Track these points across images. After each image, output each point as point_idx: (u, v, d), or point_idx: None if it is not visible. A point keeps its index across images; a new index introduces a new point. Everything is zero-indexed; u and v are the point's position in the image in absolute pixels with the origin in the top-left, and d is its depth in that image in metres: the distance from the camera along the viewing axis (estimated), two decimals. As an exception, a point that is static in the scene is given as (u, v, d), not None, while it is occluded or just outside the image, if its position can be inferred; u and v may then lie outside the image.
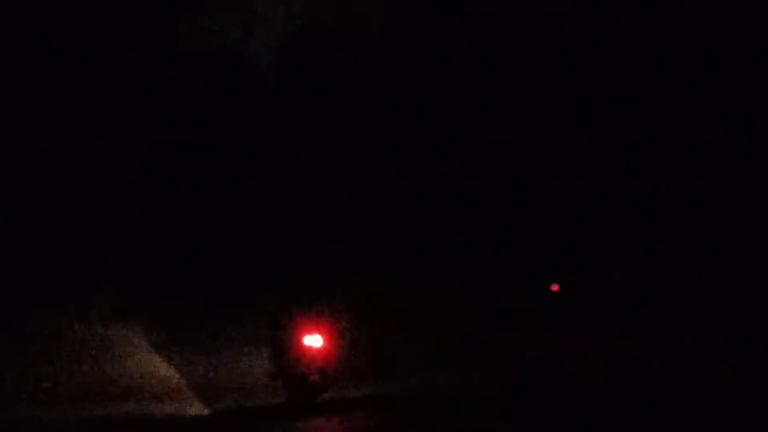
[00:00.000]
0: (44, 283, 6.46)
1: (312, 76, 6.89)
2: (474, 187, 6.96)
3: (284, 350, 5.75)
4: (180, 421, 5.74)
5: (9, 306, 6.40)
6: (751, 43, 7.55)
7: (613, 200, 7.48)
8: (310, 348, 5.57)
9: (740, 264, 7.37)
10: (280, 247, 6.01)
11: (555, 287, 7.23)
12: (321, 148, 6.63)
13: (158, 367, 5.95)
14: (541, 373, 6.72)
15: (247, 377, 5.95)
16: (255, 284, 5.86)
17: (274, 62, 7.27)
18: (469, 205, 6.84)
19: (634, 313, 7.26)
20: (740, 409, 5.84)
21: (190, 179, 6.45)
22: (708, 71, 7.67)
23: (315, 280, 5.78)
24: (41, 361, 6.29)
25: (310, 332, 5.52)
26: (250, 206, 6.26)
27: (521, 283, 6.88)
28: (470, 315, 6.39)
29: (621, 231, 7.52)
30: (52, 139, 6.94)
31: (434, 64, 7.22)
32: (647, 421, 5.59)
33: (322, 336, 5.49)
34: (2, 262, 6.61)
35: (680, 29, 7.69)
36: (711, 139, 7.63)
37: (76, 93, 6.93)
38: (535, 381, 6.60)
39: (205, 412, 6.05)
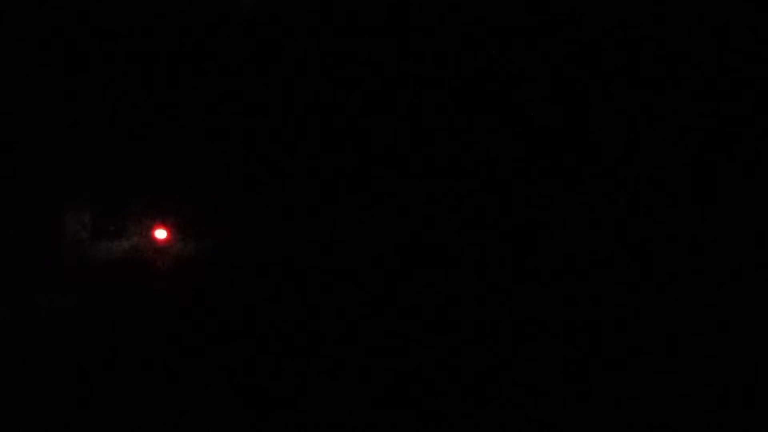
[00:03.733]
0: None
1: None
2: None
3: (148, 236, 9.23)
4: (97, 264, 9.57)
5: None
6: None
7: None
8: (161, 238, 9.04)
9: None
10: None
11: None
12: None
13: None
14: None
15: (129, 249, 9.40)
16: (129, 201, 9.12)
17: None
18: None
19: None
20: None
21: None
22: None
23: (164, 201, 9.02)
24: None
25: (159, 228, 9.03)
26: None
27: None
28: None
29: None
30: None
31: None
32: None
33: (166, 230, 9.03)
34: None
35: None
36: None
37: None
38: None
39: (110, 258, 9.81)
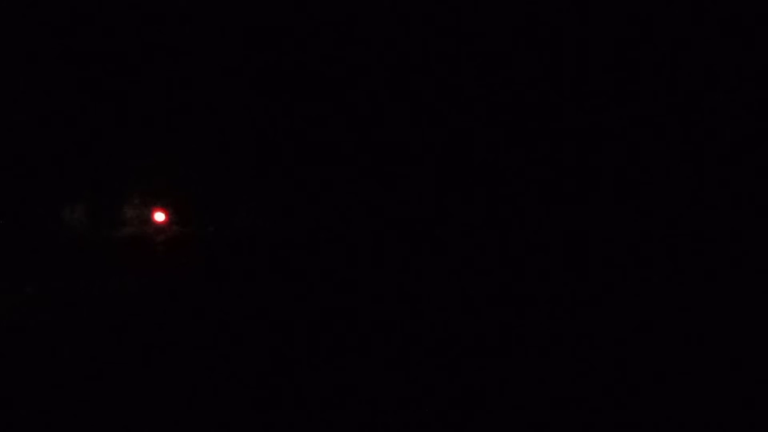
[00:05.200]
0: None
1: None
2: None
3: (150, 218, 10.08)
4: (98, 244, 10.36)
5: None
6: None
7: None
8: (159, 220, 9.84)
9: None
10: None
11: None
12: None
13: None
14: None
15: (134, 230, 10.39)
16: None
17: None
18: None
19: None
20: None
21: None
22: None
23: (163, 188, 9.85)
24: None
25: (158, 211, 9.88)
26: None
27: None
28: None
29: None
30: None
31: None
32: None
33: (164, 213, 9.87)
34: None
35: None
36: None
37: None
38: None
39: (113, 235, 10.64)
